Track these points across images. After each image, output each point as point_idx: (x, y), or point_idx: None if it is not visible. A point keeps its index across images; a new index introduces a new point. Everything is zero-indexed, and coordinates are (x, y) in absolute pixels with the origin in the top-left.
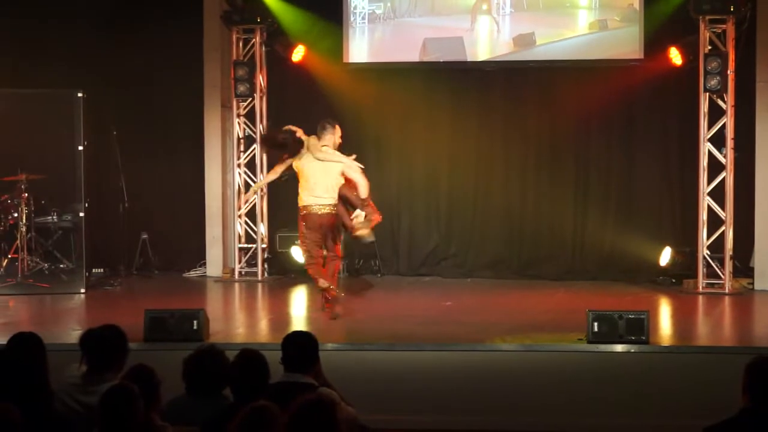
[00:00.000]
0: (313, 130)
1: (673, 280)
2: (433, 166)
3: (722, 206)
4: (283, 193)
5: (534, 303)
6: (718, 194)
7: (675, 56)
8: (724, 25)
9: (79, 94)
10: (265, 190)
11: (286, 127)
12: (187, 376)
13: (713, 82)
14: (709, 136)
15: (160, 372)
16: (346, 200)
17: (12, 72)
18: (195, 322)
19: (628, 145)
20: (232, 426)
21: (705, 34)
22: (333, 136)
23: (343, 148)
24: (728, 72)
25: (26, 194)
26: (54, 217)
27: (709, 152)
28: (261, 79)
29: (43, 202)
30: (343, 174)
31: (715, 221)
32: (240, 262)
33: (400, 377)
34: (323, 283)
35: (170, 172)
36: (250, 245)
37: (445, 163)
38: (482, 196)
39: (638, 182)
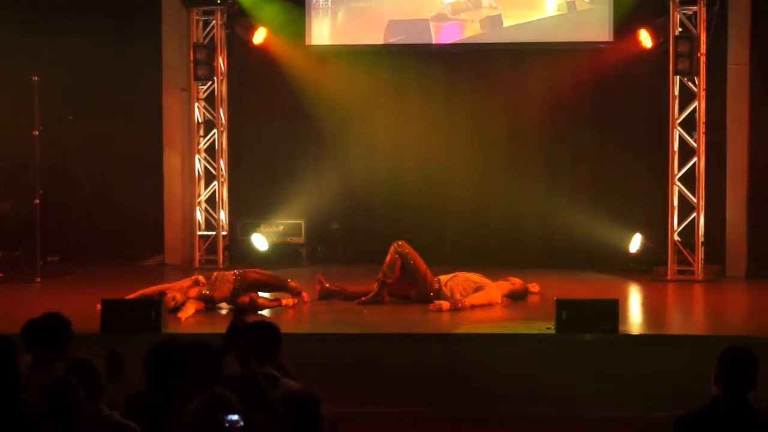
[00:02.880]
0: (274, 115)
1: (644, 268)
2: (399, 152)
3: (693, 192)
4: (244, 180)
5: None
6: (689, 179)
7: (645, 39)
8: (695, 7)
9: (34, 78)
10: (225, 176)
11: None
12: (148, 369)
13: (684, 64)
14: (679, 120)
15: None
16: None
17: None
18: (153, 312)
19: (598, 129)
20: (187, 414)
21: (675, 16)
22: None
23: (301, 140)
24: (699, 54)
25: None
26: (8, 204)
27: (680, 136)
28: (221, 62)
29: None
30: None
31: (686, 207)
32: (200, 250)
33: (364, 368)
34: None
35: (128, 157)
36: (210, 233)
37: (412, 149)
38: (448, 182)
39: (608, 167)
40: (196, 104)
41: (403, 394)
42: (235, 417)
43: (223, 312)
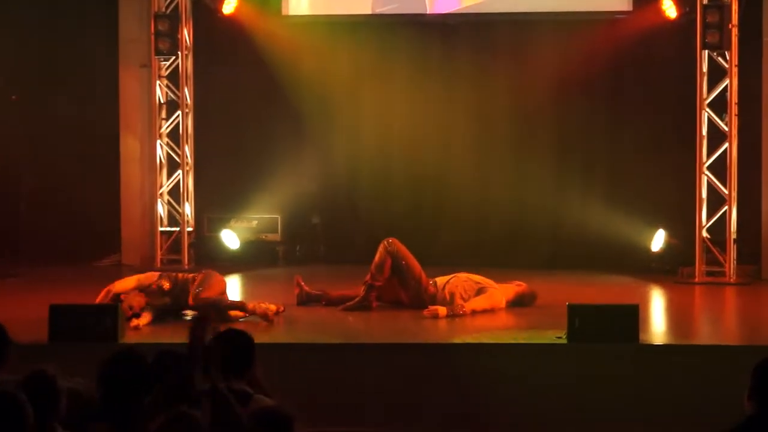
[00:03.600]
0: (246, 95)
1: (668, 268)
2: (387, 137)
3: (724, 182)
4: (213, 169)
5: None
6: (719, 168)
7: (669, 8)
8: None
9: None
10: (191, 164)
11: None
12: (102, 383)
13: (713, 37)
14: (708, 101)
15: (68, 377)
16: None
17: None
18: (109, 318)
19: (615, 112)
20: None
21: None
22: None
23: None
24: (730, 26)
25: None
26: None
27: (709, 119)
28: (186, 35)
29: None
30: None
31: (716, 199)
32: (161, 248)
33: (348, 383)
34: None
35: (80, 143)
36: (173, 229)
37: (403, 134)
38: (445, 172)
39: (626, 155)
40: (158, 82)
41: (391, 413)
42: None
43: (189, 319)
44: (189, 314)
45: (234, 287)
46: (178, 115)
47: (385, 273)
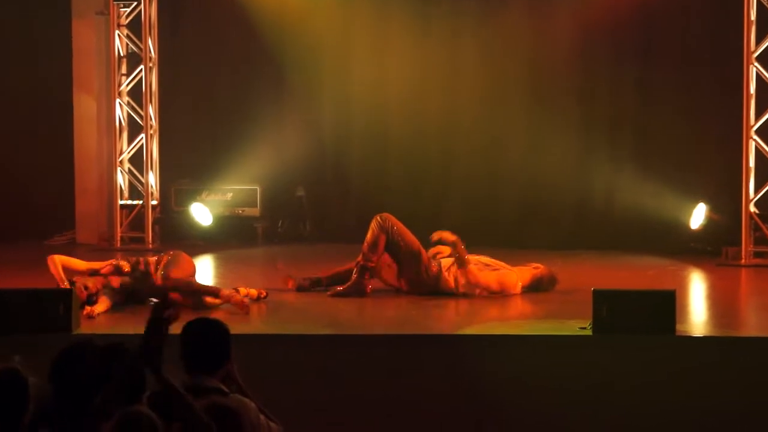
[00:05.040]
0: (220, 48)
1: (709, 249)
2: (383, 100)
3: None
4: (181, 133)
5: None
6: None
7: None
8: None
9: None
10: (155, 127)
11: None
12: (54, 382)
13: None
14: (757, 54)
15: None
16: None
17: None
18: (62, 305)
19: (646, 66)
20: None
21: None
22: None
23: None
24: None
25: None
26: None
27: (757, 75)
28: None
29: None
30: None
31: (765, 168)
32: (122, 224)
33: (343, 379)
34: None
35: (27, 103)
36: (135, 202)
37: (401, 94)
38: (450, 138)
39: (660, 117)
40: (117, 32)
41: (389, 414)
42: None
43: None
44: (155, 300)
45: (206, 270)
46: (141, 71)
47: (378, 252)
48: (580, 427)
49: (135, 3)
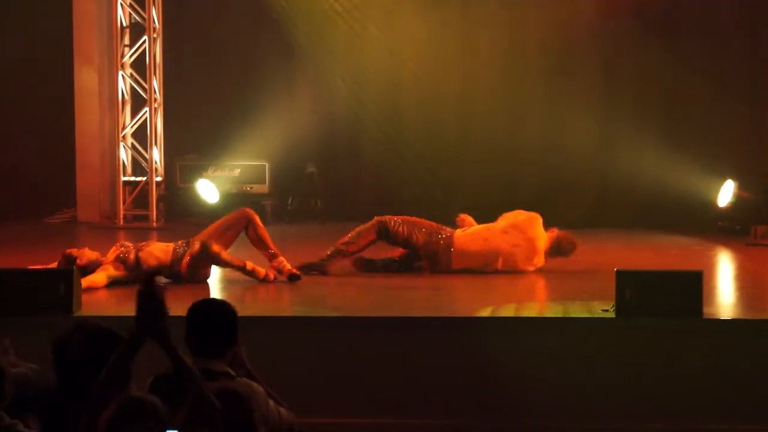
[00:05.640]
0: (227, 15)
1: (738, 227)
2: (397, 70)
3: None
4: (186, 107)
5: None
6: None
7: None
8: None
9: None
10: (159, 100)
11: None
12: (56, 364)
13: None
14: None
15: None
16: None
17: None
18: (63, 285)
19: (672, 36)
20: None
21: None
22: None
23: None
24: None
25: None
26: None
27: None
28: None
29: None
30: None
31: None
32: (124, 202)
33: (358, 362)
34: None
35: (26, 76)
36: (138, 178)
37: (417, 70)
38: (464, 112)
39: (687, 88)
40: (119, 1)
41: (398, 401)
42: None
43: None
44: (163, 280)
45: None
46: (144, 41)
47: (360, 244)
48: (599, 410)
49: None
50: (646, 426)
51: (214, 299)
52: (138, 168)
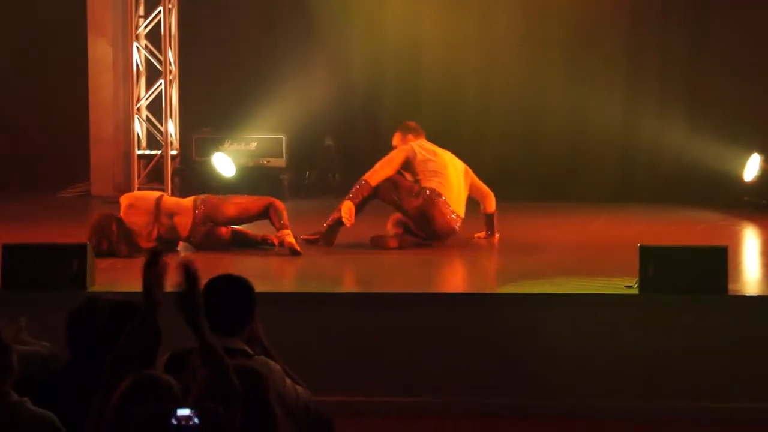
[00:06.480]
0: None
1: (764, 202)
2: (418, 44)
3: None
4: (202, 78)
5: (563, 235)
6: None
7: None
8: None
9: None
10: (174, 72)
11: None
12: (70, 340)
13: None
14: None
15: (28, 332)
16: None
17: None
18: (76, 261)
19: (696, 7)
20: (111, 406)
21: None
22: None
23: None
24: None
25: None
26: None
27: None
28: None
29: None
30: None
31: None
32: (139, 175)
33: (375, 340)
34: None
35: (38, 48)
36: (153, 152)
37: (437, 41)
38: (488, 82)
39: (712, 59)
40: None
41: (416, 378)
42: (185, 412)
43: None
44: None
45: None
46: (159, 12)
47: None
48: (621, 389)
49: None
50: (670, 404)
51: (230, 275)
52: (153, 141)
